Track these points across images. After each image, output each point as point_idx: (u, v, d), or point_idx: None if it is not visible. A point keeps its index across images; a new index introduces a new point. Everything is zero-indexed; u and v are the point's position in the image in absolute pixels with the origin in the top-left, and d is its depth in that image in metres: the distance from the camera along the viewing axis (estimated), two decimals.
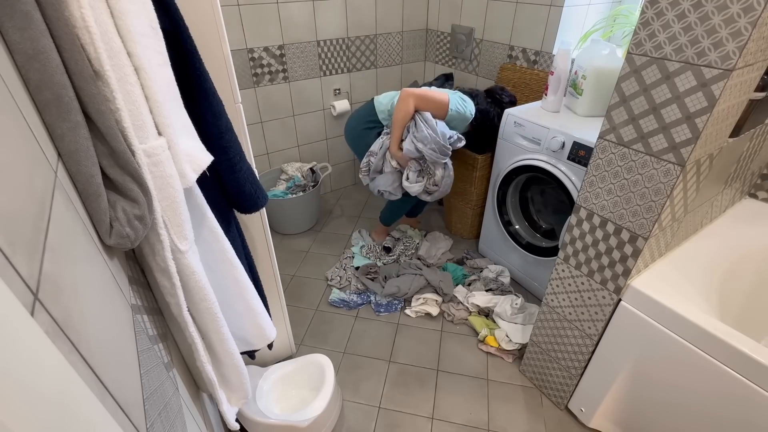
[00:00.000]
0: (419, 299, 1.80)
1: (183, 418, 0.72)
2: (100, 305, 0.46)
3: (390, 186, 1.78)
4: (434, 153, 1.61)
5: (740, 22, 0.71)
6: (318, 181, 2.24)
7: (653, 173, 0.92)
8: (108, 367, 0.44)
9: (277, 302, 1.39)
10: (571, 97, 1.63)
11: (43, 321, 0.33)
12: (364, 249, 2.10)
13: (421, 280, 1.83)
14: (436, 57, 2.51)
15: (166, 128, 0.59)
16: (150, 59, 0.56)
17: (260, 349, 1.05)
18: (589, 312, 1.19)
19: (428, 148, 1.61)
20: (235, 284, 0.90)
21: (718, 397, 0.96)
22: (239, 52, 1.92)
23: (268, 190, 2.20)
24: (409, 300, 1.83)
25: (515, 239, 1.83)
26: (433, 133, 1.60)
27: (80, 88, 0.46)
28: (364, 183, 1.86)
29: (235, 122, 0.92)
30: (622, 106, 0.93)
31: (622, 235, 1.03)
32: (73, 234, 0.44)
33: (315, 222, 2.36)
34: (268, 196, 1.03)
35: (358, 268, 1.99)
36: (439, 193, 1.77)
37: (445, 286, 1.80)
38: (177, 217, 0.63)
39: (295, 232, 2.29)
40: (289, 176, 2.32)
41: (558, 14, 1.75)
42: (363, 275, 1.94)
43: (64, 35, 0.44)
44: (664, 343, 1.02)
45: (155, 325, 0.73)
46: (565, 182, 1.49)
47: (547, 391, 1.45)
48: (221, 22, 0.87)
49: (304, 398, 1.28)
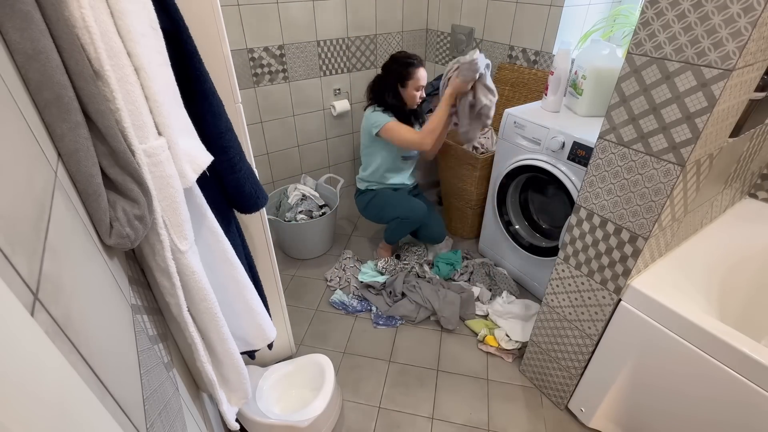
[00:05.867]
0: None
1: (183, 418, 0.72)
2: (100, 305, 0.46)
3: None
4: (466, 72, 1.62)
5: (740, 22, 0.71)
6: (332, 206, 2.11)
7: (653, 173, 0.92)
8: (108, 367, 0.44)
9: (277, 302, 1.39)
10: (571, 97, 1.63)
11: (43, 321, 0.33)
12: (381, 264, 1.97)
13: (426, 311, 1.76)
14: (436, 57, 2.51)
15: (166, 128, 0.59)
16: (150, 59, 0.56)
17: (260, 349, 1.05)
18: (589, 312, 1.19)
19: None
20: (235, 284, 0.90)
21: (717, 397, 0.96)
22: (239, 52, 1.92)
23: (282, 217, 2.04)
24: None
25: (515, 239, 1.83)
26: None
27: (80, 88, 0.46)
28: None
29: (235, 122, 0.92)
30: (622, 106, 0.93)
31: (622, 235, 1.03)
32: (73, 234, 0.44)
33: (332, 244, 2.23)
34: (268, 196, 1.03)
35: (362, 282, 1.90)
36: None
37: (446, 321, 1.71)
38: (177, 217, 0.63)
39: (313, 256, 2.16)
40: (301, 197, 2.12)
41: (558, 14, 1.75)
42: (364, 288, 1.89)
43: (64, 35, 0.44)
44: (664, 343, 1.02)
45: (155, 325, 0.73)
46: (565, 182, 1.49)
47: (547, 391, 1.45)
48: (221, 22, 0.87)
49: (304, 398, 1.28)
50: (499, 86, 2.10)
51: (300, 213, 2.02)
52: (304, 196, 2.10)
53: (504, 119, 1.71)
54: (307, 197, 2.10)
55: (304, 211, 2.03)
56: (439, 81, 2.30)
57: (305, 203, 2.07)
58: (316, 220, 1.99)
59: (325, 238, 2.11)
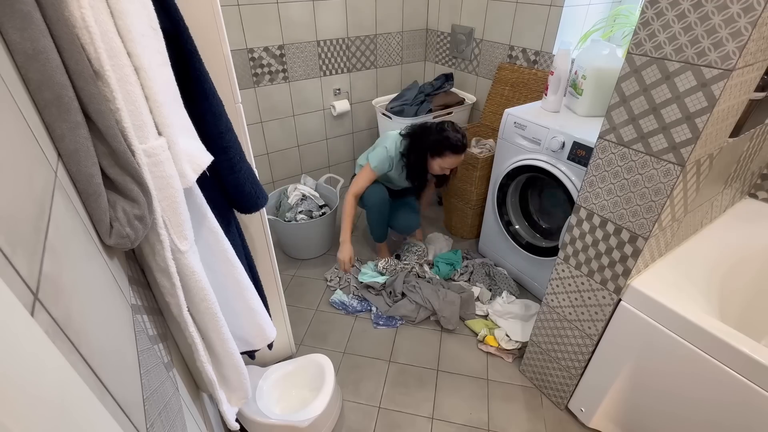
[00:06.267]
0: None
1: (183, 418, 0.72)
2: (100, 305, 0.46)
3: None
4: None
5: (740, 22, 0.71)
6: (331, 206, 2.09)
7: (653, 173, 0.92)
8: (108, 367, 0.44)
9: (277, 302, 1.39)
10: (571, 97, 1.63)
11: (43, 321, 0.33)
12: (381, 264, 1.94)
13: (426, 312, 1.76)
14: (436, 57, 2.51)
15: (166, 128, 0.59)
16: (150, 59, 0.56)
17: (260, 349, 1.05)
18: (589, 312, 1.19)
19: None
20: (235, 284, 0.90)
21: (717, 397, 0.96)
22: (239, 52, 1.92)
23: (282, 216, 2.02)
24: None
25: (515, 239, 1.83)
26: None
27: (80, 88, 0.46)
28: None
29: (235, 122, 0.92)
30: (622, 106, 0.93)
31: (622, 235, 1.03)
32: (73, 234, 0.44)
33: (331, 244, 2.21)
34: (267, 196, 1.03)
35: (362, 282, 1.90)
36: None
37: (446, 321, 1.71)
38: (177, 217, 0.63)
39: (313, 256, 2.15)
40: (301, 197, 2.13)
41: (558, 14, 1.75)
42: (364, 289, 1.88)
43: (64, 35, 0.44)
44: (664, 343, 1.02)
45: (155, 325, 0.73)
46: (565, 182, 1.49)
47: (547, 391, 1.45)
48: (221, 22, 0.87)
49: (304, 398, 1.28)
50: (499, 86, 2.10)
51: (300, 213, 2.02)
52: (304, 196, 2.10)
53: (504, 119, 1.71)
54: (307, 197, 2.10)
55: (304, 211, 2.03)
56: (439, 81, 2.31)
57: (305, 203, 2.07)
58: (316, 220, 1.99)
59: (325, 238, 2.11)
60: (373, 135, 2.60)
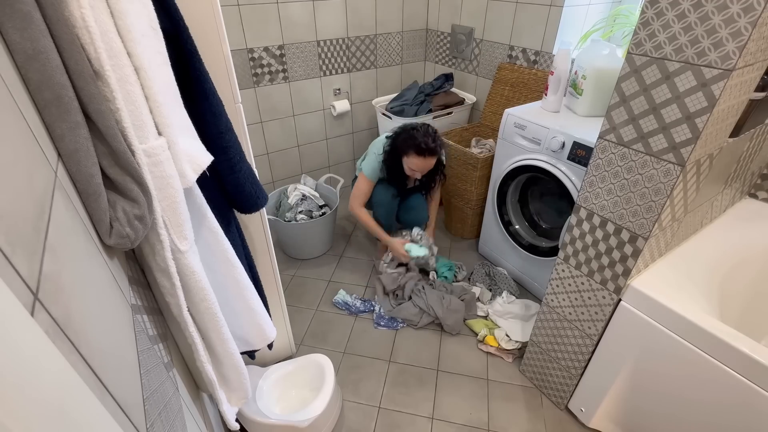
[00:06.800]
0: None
1: (183, 418, 0.72)
2: (100, 305, 0.46)
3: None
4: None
5: (740, 22, 0.71)
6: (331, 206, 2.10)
7: (653, 173, 0.92)
8: (108, 367, 0.44)
9: (277, 302, 1.39)
10: (571, 97, 1.63)
11: (43, 321, 0.33)
12: (423, 238, 1.90)
13: (429, 318, 1.74)
14: (436, 57, 2.51)
15: (166, 128, 0.59)
16: (150, 59, 0.56)
17: (260, 349, 1.05)
18: (589, 312, 1.19)
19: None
20: (235, 284, 0.90)
21: (717, 397, 0.96)
22: (239, 52, 1.92)
23: (282, 217, 2.02)
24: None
25: (515, 239, 1.83)
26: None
27: (80, 88, 0.46)
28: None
29: (235, 122, 0.92)
30: (622, 106, 0.93)
31: (622, 235, 1.03)
32: (73, 234, 0.44)
33: (331, 244, 2.22)
34: (267, 196, 1.03)
35: (415, 257, 1.86)
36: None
37: (449, 328, 1.70)
38: (177, 217, 0.63)
39: (313, 256, 2.15)
40: (301, 197, 2.11)
41: (558, 14, 1.75)
42: (391, 291, 1.86)
43: (64, 35, 0.44)
44: (664, 343, 1.02)
45: (155, 325, 0.73)
46: (565, 182, 1.49)
47: (547, 391, 1.45)
48: (221, 22, 0.87)
49: (304, 398, 1.28)
50: (499, 86, 2.10)
51: (300, 213, 2.02)
52: (304, 196, 2.10)
53: (504, 119, 1.71)
54: (307, 197, 2.10)
55: (304, 211, 2.03)
56: (439, 81, 2.31)
57: (305, 203, 2.07)
58: (316, 220, 1.98)
59: (325, 238, 2.11)
60: (373, 135, 2.60)
